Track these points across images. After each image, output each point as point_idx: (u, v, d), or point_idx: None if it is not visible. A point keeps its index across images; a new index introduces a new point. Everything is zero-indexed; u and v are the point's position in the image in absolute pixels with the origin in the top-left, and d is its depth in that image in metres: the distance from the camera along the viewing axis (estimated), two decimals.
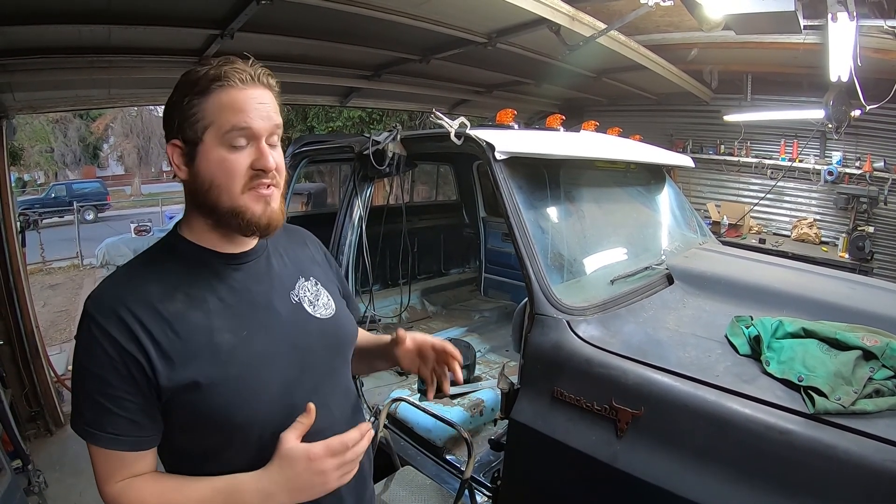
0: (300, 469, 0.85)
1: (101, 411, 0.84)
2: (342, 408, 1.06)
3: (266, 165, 0.91)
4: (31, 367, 3.81)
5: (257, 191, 0.91)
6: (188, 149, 0.91)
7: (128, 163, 27.31)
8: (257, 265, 1.01)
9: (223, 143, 0.89)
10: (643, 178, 2.93)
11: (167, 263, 0.94)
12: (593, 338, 1.62)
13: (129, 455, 0.87)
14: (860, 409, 1.20)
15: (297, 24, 3.38)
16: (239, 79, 0.89)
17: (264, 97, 0.92)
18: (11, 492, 2.40)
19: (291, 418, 0.90)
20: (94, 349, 0.84)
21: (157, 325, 0.86)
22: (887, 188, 5.32)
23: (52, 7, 2.61)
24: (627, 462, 1.36)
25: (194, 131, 0.89)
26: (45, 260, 10.91)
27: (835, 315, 1.71)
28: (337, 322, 1.09)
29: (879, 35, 3.63)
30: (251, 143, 0.90)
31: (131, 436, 0.86)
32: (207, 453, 0.91)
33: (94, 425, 0.84)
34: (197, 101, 0.89)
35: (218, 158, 0.89)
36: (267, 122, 0.91)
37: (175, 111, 0.91)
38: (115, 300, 0.86)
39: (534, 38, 3.66)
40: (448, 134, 1.98)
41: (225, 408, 0.88)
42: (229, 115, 0.88)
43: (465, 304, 4.70)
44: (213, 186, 0.90)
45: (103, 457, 0.86)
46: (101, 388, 0.84)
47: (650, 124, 6.55)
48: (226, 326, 0.91)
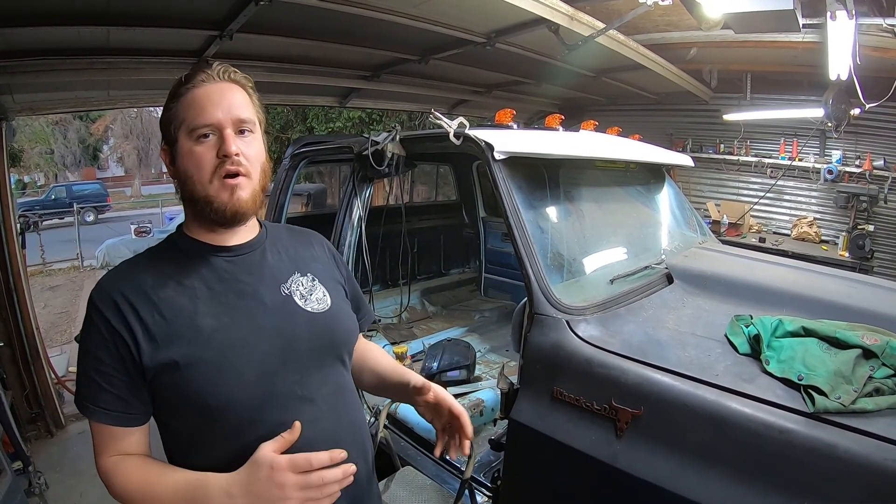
0: (262, 476, 0.86)
1: (94, 387, 0.92)
2: (331, 404, 1.04)
3: (227, 150, 0.96)
4: (31, 368, 3.81)
5: (224, 180, 0.97)
6: (170, 150, 1.01)
7: (128, 164, 27.37)
8: (251, 258, 1.06)
9: (191, 137, 0.97)
10: (643, 178, 2.93)
11: (165, 257, 1.02)
12: (593, 337, 1.62)
13: (118, 430, 0.94)
14: (860, 407, 1.20)
15: (295, 25, 3.38)
16: (201, 79, 0.99)
17: (227, 91, 1.00)
18: (12, 493, 2.40)
19: (271, 407, 0.95)
20: (91, 330, 0.93)
21: (146, 308, 0.93)
22: (887, 186, 5.32)
23: (51, 8, 2.61)
24: (627, 461, 1.36)
25: (170, 133, 1.00)
26: (46, 261, 10.90)
27: (835, 314, 1.71)
28: (329, 317, 1.09)
29: (878, 33, 3.63)
30: (216, 135, 0.97)
31: (118, 412, 0.93)
32: (193, 438, 0.95)
33: (88, 399, 0.93)
34: (172, 106, 1.00)
35: (187, 151, 0.98)
36: (227, 112, 0.98)
37: (161, 120, 1.03)
38: (112, 287, 0.95)
39: (533, 38, 3.66)
40: (447, 134, 1.98)
41: (201, 389, 0.91)
42: (193, 111, 0.97)
43: (465, 304, 4.70)
44: (187, 178, 0.99)
45: (97, 430, 0.95)
46: (96, 366, 0.92)
47: (650, 124, 6.55)
48: (209, 311, 0.96)
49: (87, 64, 3.35)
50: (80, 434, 3.94)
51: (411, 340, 3.66)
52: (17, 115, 3.96)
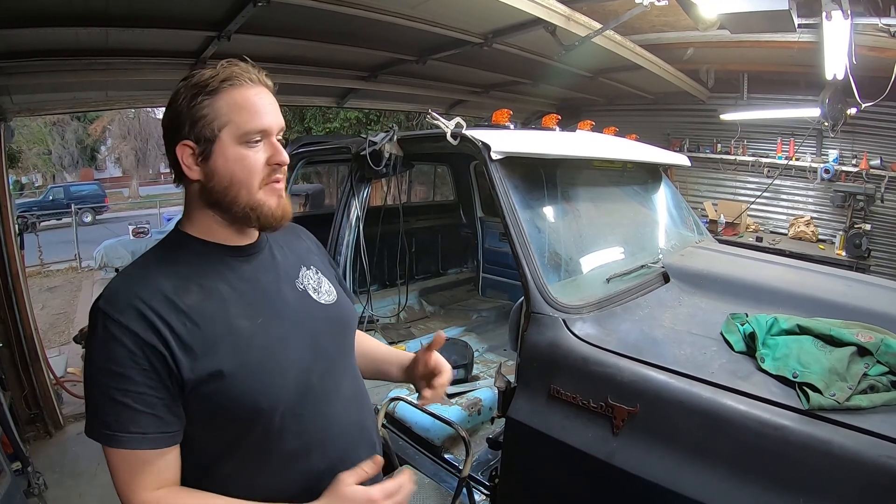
0: None
1: (122, 411, 0.82)
2: (353, 390, 1.10)
3: (282, 160, 0.96)
4: (30, 369, 3.81)
5: (273, 185, 0.96)
6: (202, 148, 0.92)
7: (125, 165, 27.29)
8: (263, 257, 1.04)
9: (241, 140, 0.92)
10: (640, 178, 2.94)
11: (176, 259, 0.95)
12: (589, 336, 1.63)
13: (153, 454, 0.85)
14: (855, 404, 1.21)
15: (293, 26, 3.38)
16: (248, 78, 0.94)
17: (269, 96, 0.97)
18: (11, 494, 2.40)
19: (308, 402, 0.96)
20: (111, 347, 0.83)
21: (175, 317, 0.86)
22: (884, 185, 5.34)
23: (49, 9, 2.61)
24: (623, 459, 1.37)
25: (210, 130, 0.91)
26: (44, 262, 10.88)
27: (830, 312, 1.72)
28: (339, 307, 1.12)
29: (874, 33, 3.64)
30: (264, 140, 0.95)
31: (157, 433, 0.84)
32: (225, 448, 0.92)
33: (115, 427, 0.82)
34: (208, 102, 0.91)
35: (237, 156, 0.92)
36: (276, 119, 0.96)
37: (183, 113, 0.92)
38: (130, 295, 0.86)
39: (530, 39, 3.67)
40: (444, 134, 1.98)
41: (249, 394, 0.89)
42: (245, 114, 0.92)
43: (463, 303, 4.71)
44: (232, 183, 0.93)
45: (126, 461, 0.84)
46: (123, 386, 0.82)
47: (647, 123, 6.56)
48: (241, 313, 0.94)
49: (85, 65, 3.36)
50: (78, 435, 3.94)
51: (409, 340, 3.67)
52: (16, 115, 3.96)
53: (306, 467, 0.97)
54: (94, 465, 3.46)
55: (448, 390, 2.76)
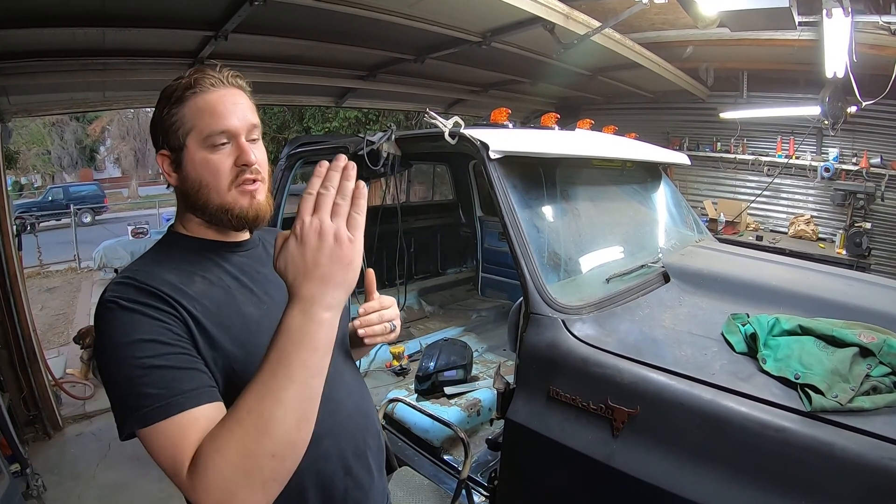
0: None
1: (165, 376, 0.77)
2: (352, 375, 1.13)
3: (248, 160, 0.95)
4: (28, 370, 3.80)
5: (243, 186, 0.96)
6: (174, 156, 0.96)
7: (125, 165, 27.31)
8: (258, 252, 1.07)
9: (205, 144, 0.94)
10: (639, 177, 2.93)
11: (175, 255, 0.97)
12: (589, 337, 1.62)
13: (203, 410, 0.77)
14: (857, 406, 1.20)
15: (291, 25, 3.37)
16: (210, 83, 0.95)
17: (237, 97, 0.97)
18: (10, 495, 2.40)
19: None
20: (134, 320, 0.80)
21: (187, 301, 0.86)
22: (884, 184, 5.32)
23: (46, 10, 2.60)
24: (623, 461, 1.36)
25: (177, 138, 0.95)
26: (43, 263, 10.86)
27: (832, 312, 1.71)
28: None
29: (875, 31, 3.63)
30: (231, 142, 0.95)
31: (208, 386, 0.80)
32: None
33: (162, 398, 0.75)
34: (175, 111, 0.94)
35: (202, 160, 0.94)
36: (243, 119, 0.95)
37: (158, 124, 0.97)
38: (139, 282, 0.84)
39: (528, 37, 3.65)
40: (442, 134, 1.97)
41: None
42: (206, 117, 0.93)
43: (463, 303, 4.71)
44: (201, 187, 0.95)
45: (174, 427, 0.74)
46: (159, 351, 0.78)
47: (646, 122, 6.55)
48: (247, 301, 0.96)
49: (82, 65, 3.34)
50: (77, 436, 3.94)
51: (408, 340, 3.67)
52: (14, 116, 3.96)
53: (317, 453, 0.93)
54: (93, 467, 3.46)
55: (447, 391, 2.76)
